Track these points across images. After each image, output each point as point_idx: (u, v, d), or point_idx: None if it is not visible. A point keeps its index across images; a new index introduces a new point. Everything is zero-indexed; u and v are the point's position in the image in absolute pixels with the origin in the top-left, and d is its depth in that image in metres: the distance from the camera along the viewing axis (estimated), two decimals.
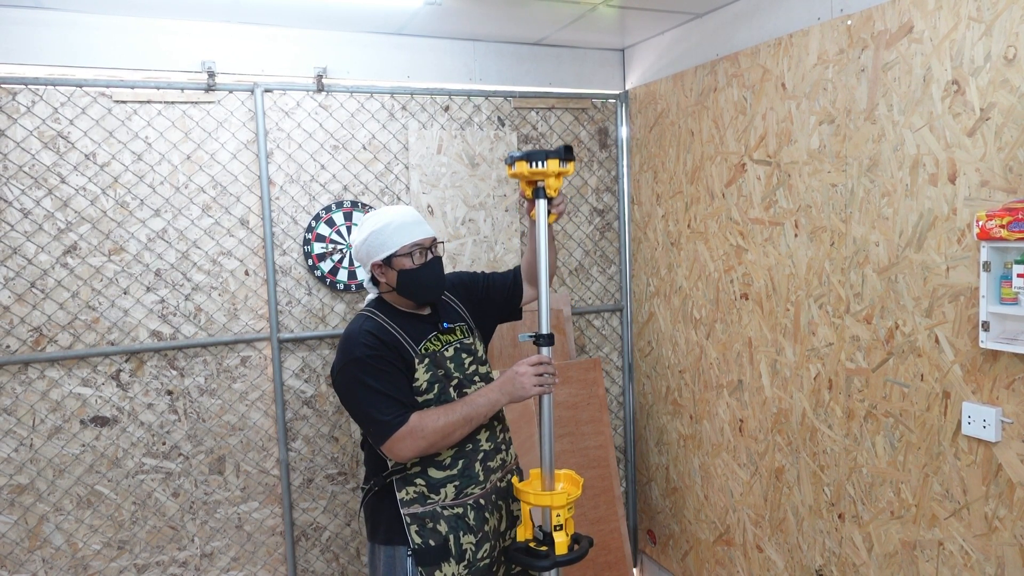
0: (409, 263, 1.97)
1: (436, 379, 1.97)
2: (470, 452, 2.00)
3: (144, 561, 2.68)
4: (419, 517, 1.95)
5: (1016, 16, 1.72)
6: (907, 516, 2.09)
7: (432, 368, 1.97)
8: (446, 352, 2.01)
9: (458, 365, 2.03)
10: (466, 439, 1.99)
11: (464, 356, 2.06)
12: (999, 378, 1.82)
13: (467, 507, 1.98)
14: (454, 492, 1.97)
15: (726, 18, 2.67)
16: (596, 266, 3.38)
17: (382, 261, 1.99)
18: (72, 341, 2.56)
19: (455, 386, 2.01)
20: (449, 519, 1.96)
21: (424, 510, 1.95)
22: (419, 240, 1.99)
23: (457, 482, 1.97)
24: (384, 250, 1.97)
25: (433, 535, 1.94)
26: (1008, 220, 1.65)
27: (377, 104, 2.92)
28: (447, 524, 1.96)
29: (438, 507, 1.96)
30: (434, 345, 2.00)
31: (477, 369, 2.09)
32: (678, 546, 3.19)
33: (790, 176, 2.41)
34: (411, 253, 1.97)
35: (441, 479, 1.96)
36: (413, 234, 1.98)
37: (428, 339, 2.00)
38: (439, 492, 1.96)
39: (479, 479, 2.00)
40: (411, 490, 1.95)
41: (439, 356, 1.99)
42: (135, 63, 2.57)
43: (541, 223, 1.94)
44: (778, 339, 2.51)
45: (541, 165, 1.84)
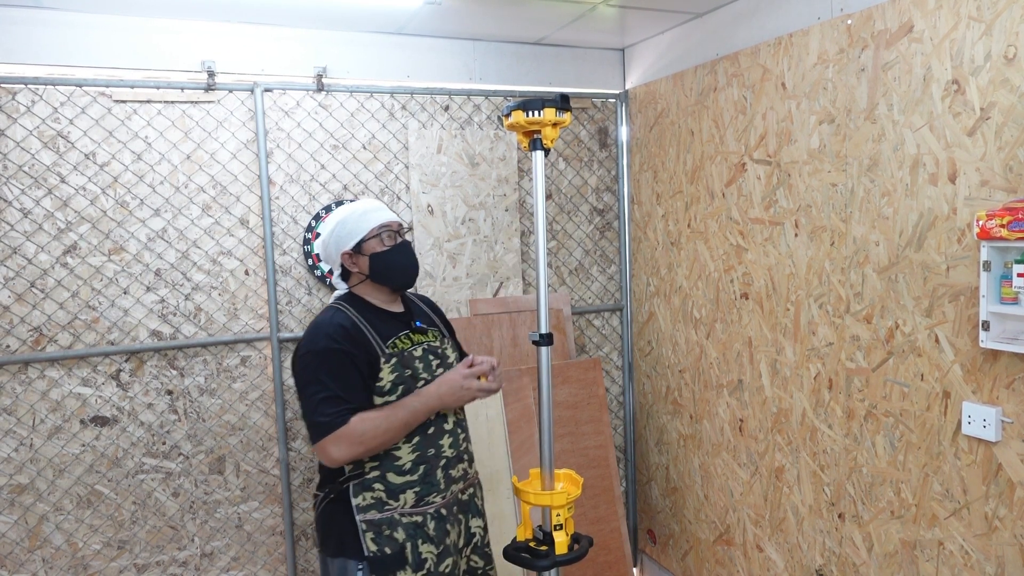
0: (379, 245, 1.94)
1: (402, 380, 1.90)
2: (432, 458, 1.93)
3: (144, 561, 2.68)
4: (375, 524, 1.87)
5: (1016, 16, 1.72)
6: (907, 516, 2.09)
7: (399, 368, 1.91)
8: (415, 352, 1.96)
9: (426, 366, 1.97)
10: (428, 444, 1.93)
11: (432, 358, 1.99)
12: (999, 378, 1.82)
13: (427, 516, 1.91)
14: (414, 499, 1.90)
15: (726, 18, 2.67)
16: (596, 266, 3.38)
17: (351, 249, 1.95)
18: (72, 341, 2.56)
19: (421, 387, 1.94)
20: (407, 527, 1.89)
21: (381, 516, 1.87)
22: (386, 222, 1.96)
23: (417, 488, 1.90)
24: (353, 237, 1.94)
25: (389, 543, 1.87)
26: (1008, 220, 1.65)
27: (377, 104, 2.92)
28: (405, 532, 1.88)
29: (396, 514, 1.88)
30: (403, 344, 1.95)
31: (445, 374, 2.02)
32: (678, 546, 3.19)
33: (790, 176, 2.41)
34: (380, 235, 1.94)
35: (401, 484, 1.89)
36: (380, 217, 1.96)
37: (398, 337, 1.95)
38: (398, 499, 1.89)
39: (440, 487, 1.94)
40: (368, 496, 1.88)
41: (407, 356, 1.93)
42: (135, 63, 2.57)
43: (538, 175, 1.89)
44: (778, 339, 2.51)
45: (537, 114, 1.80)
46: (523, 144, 1.92)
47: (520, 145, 1.96)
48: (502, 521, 2.88)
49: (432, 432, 1.94)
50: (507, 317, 3.12)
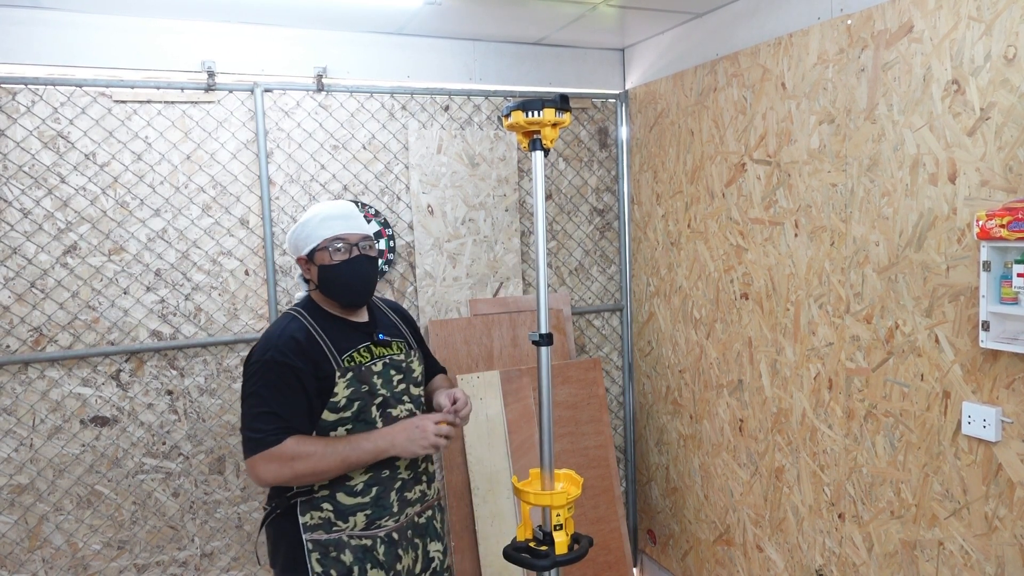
0: (328, 258, 1.85)
1: (358, 395, 1.82)
2: (386, 479, 1.86)
3: (144, 561, 2.68)
4: (322, 544, 1.80)
5: (1016, 16, 1.72)
6: (907, 516, 2.09)
7: (354, 383, 1.82)
8: (374, 367, 1.86)
9: (386, 382, 1.88)
10: (383, 465, 1.84)
11: (393, 372, 1.90)
12: (999, 378, 1.82)
13: (377, 540, 1.84)
14: (364, 521, 1.83)
15: (726, 18, 2.67)
16: (596, 266, 3.38)
17: (305, 256, 1.89)
18: (72, 341, 2.56)
19: (379, 404, 1.86)
20: (356, 549, 1.81)
21: (328, 538, 1.80)
22: (341, 234, 1.86)
23: (369, 511, 1.83)
24: (307, 244, 1.87)
25: (336, 565, 1.79)
26: (1008, 220, 1.65)
27: (377, 104, 2.92)
28: (352, 555, 1.80)
29: (344, 536, 1.81)
30: (361, 357, 1.86)
31: (408, 389, 1.95)
32: (678, 546, 3.19)
33: (790, 176, 2.41)
34: (329, 248, 1.85)
35: (351, 506, 1.82)
36: (335, 228, 1.86)
37: (356, 350, 1.87)
38: (347, 520, 1.82)
39: (393, 510, 1.86)
40: (316, 515, 1.81)
41: (364, 370, 1.84)
42: (135, 63, 2.57)
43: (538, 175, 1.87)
44: (778, 339, 2.51)
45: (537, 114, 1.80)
46: (523, 144, 1.91)
47: (520, 145, 1.95)
48: (502, 521, 2.88)
49: None
50: (507, 317, 3.12)
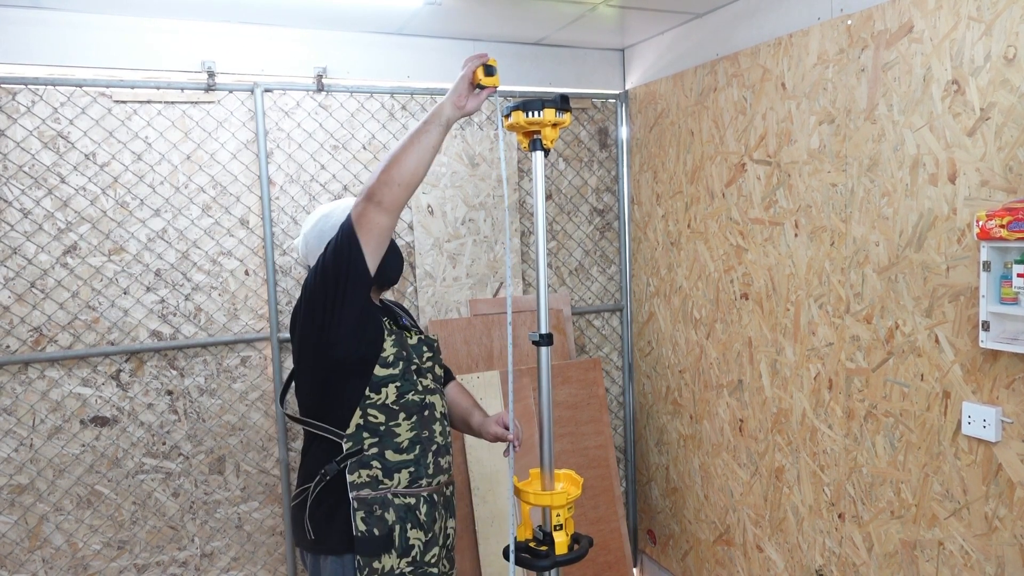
0: None
1: (401, 356, 1.90)
2: (426, 440, 1.93)
3: (144, 561, 2.68)
4: (367, 502, 1.85)
5: (1016, 16, 1.72)
6: (907, 516, 2.09)
7: (398, 345, 1.90)
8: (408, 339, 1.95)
9: (419, 354, 1.96)
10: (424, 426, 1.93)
11: (425, 349, 1.99)
12: (999, 378, 1.82)
13: (420, 498, 1.91)
14: (408, 479, 1.89)
15: (726, 18, 2.67)
16: (596, 266, 3.38)
17: None
18: (72, 341, 2.56)
19: (415, 370, 1.93)
20: (399, 508, 1.88)
21: (375, 495, 1.86)
22: None
23: (412, 469, 1.90)
24: None
25: (379, 524, 1.85)
26: (1008, 220, 1.65)
27: (377, 104, 2.92)
28: (395, 513, 1.87)
29: (389, 493, 1.87)
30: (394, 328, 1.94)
31: (433, 368, 2.02)
32: (678, 546, 3.19)
33: (790, 176, 2.41)
34: None
35: (397, 463, 1.88)
36: None
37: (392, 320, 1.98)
38: (393, 477, 1.88)
39: (429, 472, 1.93)
40: (364, 473, 1.86)
41: (402, 338, 1.93)
42: (135, 63, 2.57)
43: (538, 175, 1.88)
44: (778, 339, 2.51)
45: (537, 115, 1.80)
46: (523, 144, 1.92)
47: (520, 145, 1.96)
48: (502, 521, 2.88)
49: (427, 416, 1.95)
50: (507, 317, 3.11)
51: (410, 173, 1.78)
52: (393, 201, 1.78)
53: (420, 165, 1.79)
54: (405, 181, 1.77)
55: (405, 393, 1.90)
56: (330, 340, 1.82)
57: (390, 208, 1.78)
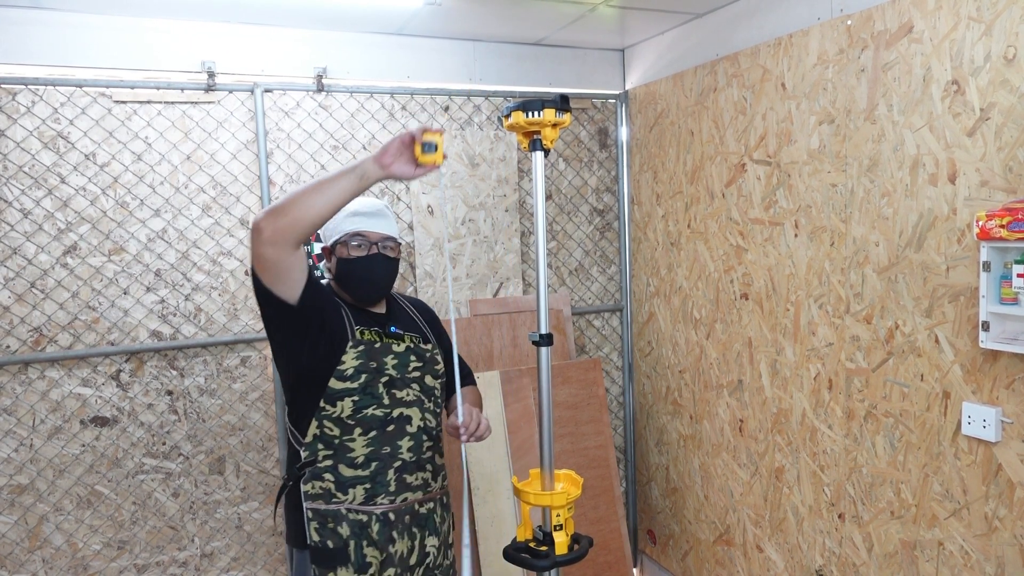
0: (346, 252, 1.90)
1: (365, 368, 1.85)
2: (386, 456, 1.88)
3: (144, 561, 2.68)
4: (321, 514, 1.83)
5: (1016, 16, 1.72)
6: (907, 516, 2.09)
7: (364, 357, 1.86)
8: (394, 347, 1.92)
9: (401, 364, 1.92)
10: (384, 442, 1.87)
11: (413, 359, 1.95)
12: (999, 378, 1.82)
13: (372, 517, 1.85)
14: (363, 496, 1.85)
15: (726, 18, 2.67)
16: (596, 266, 3.38)
17: (329, 246, 1.94)
18: (72, 341, 2.56)
19: (386, 382, 1.89)
20: (352, 523, 1.84)
21: (327, 508, 1.84)
22: (363, 230, 1.91)
23: (367, 485, 1.86)
24: (331, 235, 1.93)
25: (333, 536, 1.83)
26: (1008, 220, 1.65)
27: (377, 104, 2.92)
28: (349, 528, 1.84)
29: (343, 508, 1.84)
30: (372, 337, 1.90)
31: (423, 377, 1.96)
32: (678, 546, 3.19)
33: (790, 176, 2.41)
34: (349, 242, 1.90)
35: (351, 478, 1.85)
36: (360, 224, 1.91)
37: (371, 329, 1.91)
38: (347, 492, 1.85)
39: (390, 489, 1.88)
40: (317, 484, 1.84)
41: (375, 348, 1.88)
42: (135, 63, 2.57)
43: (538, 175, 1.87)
44: (778, 339, 2.51)
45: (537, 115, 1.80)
46: (523, 144, 1.91)
47: (520, 145, 1.96)
48: (502, 521, 2.88)
49: (391, 431, 1.89)
50: (507, 317, 3.12)
51: (302, 212, 1.64)
52: (274, 233, 1.64)
53: (317, 209, 1.65)
54: (293, 217, 1.64)
55: (363, 408, 1.85)
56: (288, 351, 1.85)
57: (270, 240, 1.65)
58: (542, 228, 1.89)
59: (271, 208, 1.66)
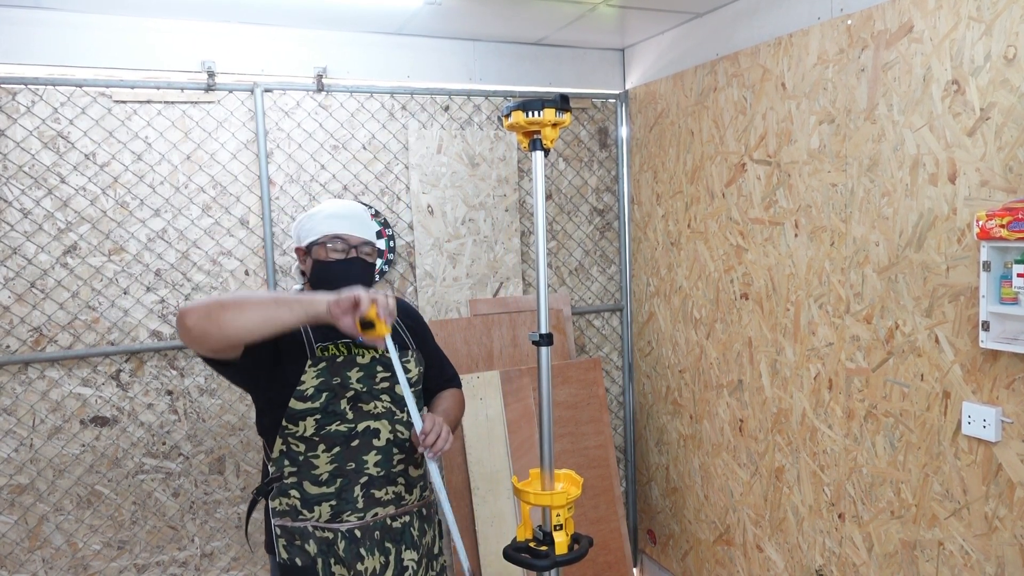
0: (323, 254, 1.85)
1: (327, 387, 1.80)
2: (351, 472, 1.83)
3: (144, 561, 2.68)
4: (288, 531, 1.81)
5: (1016, 16, 1.72)
6: (907, 516, 2.09)
7: (325, 374, 1.80)
8: (358, 359, 1.85)
9: (366, 376, 1.85)
10: (349, 458, 1.82)
11: (379, 369, 1.87)
12: (999, 378, 1.82)
13: (338, 535, 1.81)
14: (329, 513, 1.81)
15: (726, 18, 2.67)
16: (596, 266, 3.38)
17: (304, 247, 1.89)
18: (72, 341, 2.56)
19: (351, 397, 1.83)
20: (319, 541, 1.80)
21: (295, 525, 1.81)
22: (342, 234, 1.86)
23: (333, 502, 1.81)
24: (308, 236, 1.87)
25: (301, 554, 1.80)
26: (1008, 220, 1.65)
27: (377, 104, 2.92)
28: (316, 546, 1.80)
29: (309, 525, 1.81)
30: (338, 352, 1.83)
31: (392, 388, 1.89)
32: (678, 546, 3.19)
33: (790, 176, 2.41)
34: (327, 244, 1.85)
35: (317, 496, 1.81)
36: (338, 226, 1.86)
37: (335, 343, 1.84)
38: (313, 510, 1.81)
39: (358, 506, 1.83)
40: (284, 501, 1.82)
41: (337, 364, 1.82)
42: (135, 63, 2.57)
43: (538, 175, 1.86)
44: (778, 339, 2.51)
45: (537, 114, 1.79)
46: (523, 144, 1.91)
47: (520, 145, 1.95)
48: (502, 521, 2.88)
49: (356, 446, 1.84)
50: (507, 317, 3.12)
51: (232, 324, 1.55)
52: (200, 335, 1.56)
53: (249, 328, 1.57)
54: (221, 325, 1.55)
55: (326, 425, 1.81)
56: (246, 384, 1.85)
57: (195, 340, 1.58)
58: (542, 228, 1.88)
59: (205, 304, 1.56)
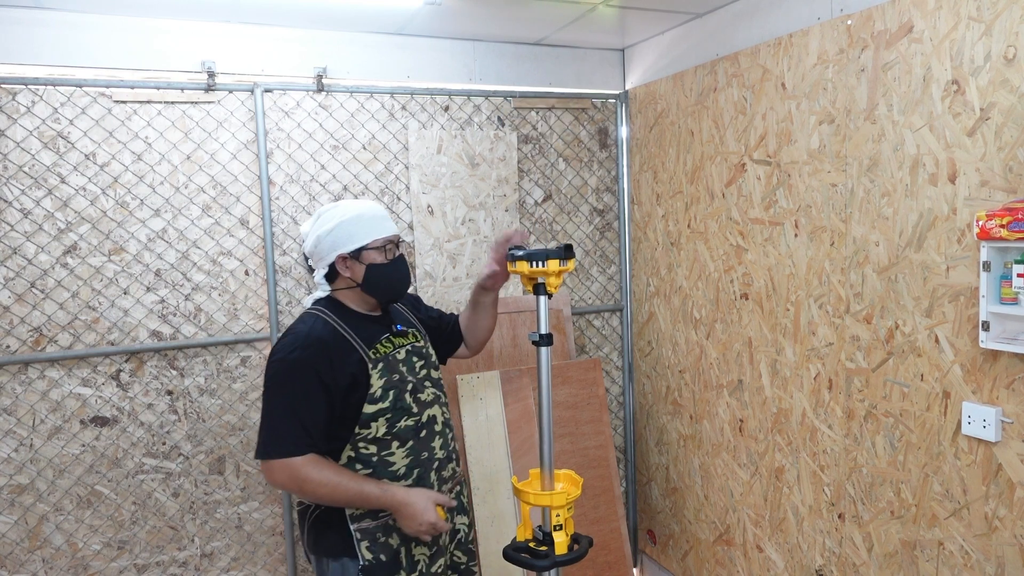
0: (380, 258, 1.90)
1: (391, 384, 1.87)
2: (425, 461, 1.92)
3: (144, 561, 2.68)
4: (370, 532, 1.85)
5: (1016, 16, 1.72)
6: (907, 516, 2.09)
7: (386, 373, 1.87)
8: (398, 355, 1.92)
9: (410, 369, 1.94)
10: (422, 447, 1.92)
11: (415, 360, 1.97)
12: (999, 378, 1.82)
13: None
14: None
15: (726, 18, 2.67)
16: (596, 266, 3.38)
17: (349, 254, 1.88)
18: (72, 341, 2.56)
19: (411, 390, 1.91)
20: (400, 531, 1.87)
21: (376, 524, 1.86)
22: (391, 236, 1.93)
23: None
24: (353, 242, 1.87)
25: (384, 549, 1.86)
26: (1008, 220, 1.65)
27: (377, 104, 2.92)
28: (399, 537, 1.88)
29: (390, 520, 1.87)
30: (386, 347, 1.91)
31: (429, 373, 2.01)
32: (678, 546, 3.19)
33: (790, 176, 2.41)
34: (385, 247, 1.91)
35: None
36: (385, 228, 1.92)
37: (380, 341, 1.91)
38: None
39: (434, 489, 1.94)
40: None
41: (392, 359, 1.90)
42: (135, 63, 2.57)
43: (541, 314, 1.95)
44: (778, 339, 2.51)
45: (541, 265, 1.90)
46: (527, 287, 1.99)
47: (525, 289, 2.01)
48: (502, 521, 2.88)
49: (424, 436, 1.93)
50: (507, 317, 3.12)
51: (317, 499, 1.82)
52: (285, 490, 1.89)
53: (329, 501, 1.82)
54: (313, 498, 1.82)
55: (396, 422, 1.87)
56: None
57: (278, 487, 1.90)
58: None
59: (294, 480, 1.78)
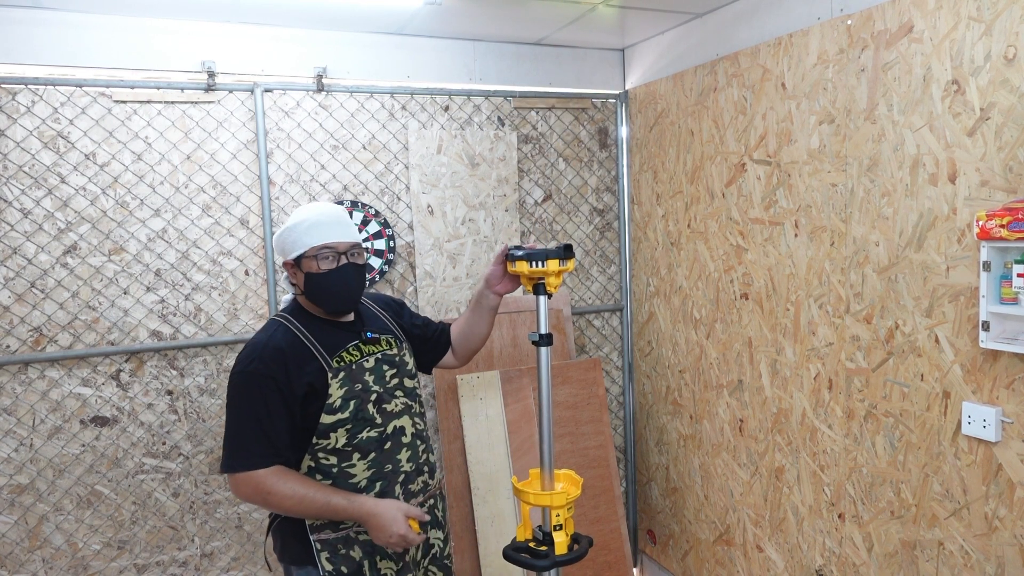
0: (315, 267, 1.82)
1: (352, 395, 1.82)
2: (389, 474, 1.87)
3: (144, 561, 2.68)
4: (330, 543, 1.81)
5: (1016, 16, 1.72)
6: (907, 516, 2.09)
7: (347, 383, 1.82)
8: (365, 363, 1.87)
9: (378, 378, 1.88)
10: (386, 460, 1.86)
11: (386, 368, 1.91)
12: (999, 378, 1.82)
13: None
14: None
15: (726, 18, 2.67)
16: (596, 266, 3.38)
17: (292, 261, 1.85)
18: (72, 341, 2.56)
19: (375, 400, 1.86)
20: (364, 544, 1.83)
21: (336, 536, 1.82)
22: (330, 243, 1.83)
23: None
24: (294, 249, 1.83)
25: (346, 561, 1.81)
26: (1008, 220, 1.65)
27: (377, 104, 2.92)
28: (362, 550, 1.83)
29: (351, 532, 1.82)
30: (351, 356, 1.86)
31: (401, 383, 1.94)
32: (678, 546, 3.19)
33: (790, 176, 2.41)
34: (317, 256, 1.82)
35: None
36: (325, 236, 1.83)
37: (346, 349, 1.86)
38: None
39: None
40: None
41: (355, 369, 1.84)
42: (135, 63, 2.57)
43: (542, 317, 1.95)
44: (778, 339, 2.51)
45: (541, 265, 1.91)
46: (528, 288, 1.99)
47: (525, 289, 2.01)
48: (502, 521, 2.88)
49: (389, 448, 1.87)
50: (507, 317, 3.12)
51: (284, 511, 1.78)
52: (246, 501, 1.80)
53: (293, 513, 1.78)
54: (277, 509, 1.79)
55: (357, 434, 1.83)
56: None
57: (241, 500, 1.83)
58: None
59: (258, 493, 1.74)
